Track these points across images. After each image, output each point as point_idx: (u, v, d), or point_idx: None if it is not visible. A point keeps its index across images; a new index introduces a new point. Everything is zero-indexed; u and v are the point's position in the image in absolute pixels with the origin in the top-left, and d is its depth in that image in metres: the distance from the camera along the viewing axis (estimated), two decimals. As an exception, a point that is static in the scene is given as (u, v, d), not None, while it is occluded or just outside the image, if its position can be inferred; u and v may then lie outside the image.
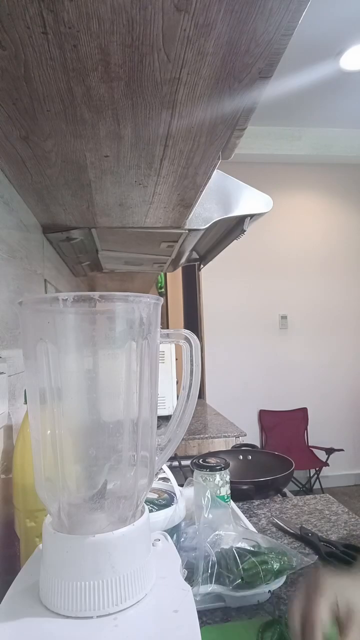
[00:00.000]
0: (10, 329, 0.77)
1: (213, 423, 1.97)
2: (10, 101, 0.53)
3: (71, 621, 0.40)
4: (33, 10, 0.38)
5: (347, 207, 3.86)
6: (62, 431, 0.45)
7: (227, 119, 0.57)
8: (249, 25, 0.40)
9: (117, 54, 0.44)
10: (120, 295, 0.44)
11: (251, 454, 1.29)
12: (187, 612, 0.42)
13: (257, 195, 1.12)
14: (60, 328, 0.44)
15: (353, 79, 2.91)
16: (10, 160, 0.71)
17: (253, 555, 0.66)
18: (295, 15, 0.39)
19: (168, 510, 0.69)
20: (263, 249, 3.70)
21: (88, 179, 0.79)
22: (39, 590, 0.43)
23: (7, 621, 0.40)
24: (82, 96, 0.51)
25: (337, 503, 1.01)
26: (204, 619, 0.61)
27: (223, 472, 0.88)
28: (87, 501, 0.45)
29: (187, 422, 0.54)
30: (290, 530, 0.87)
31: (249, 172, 2.80)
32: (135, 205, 0.96)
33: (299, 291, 3.77)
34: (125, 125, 0.59)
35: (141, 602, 0.42)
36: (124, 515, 0.45)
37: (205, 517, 0.73)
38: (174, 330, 0.55)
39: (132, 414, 0.46)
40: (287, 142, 3.61)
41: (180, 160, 0.71)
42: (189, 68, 0.46)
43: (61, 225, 1.11)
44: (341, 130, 3.63)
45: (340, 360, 3.81)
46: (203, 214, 1.09)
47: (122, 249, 1.41)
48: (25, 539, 0.63)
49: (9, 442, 0.72)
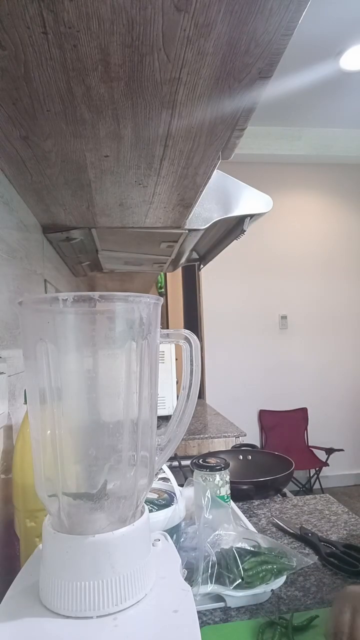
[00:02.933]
0: (10, 329, 0.77)
1: (213, 423, 1.97)
2: (10, 101, 0.53)
3: (71, 621, 0.40)
4: (33, 10, 0.38)
5: (347, 207, 3.86)
6: (62, 431, 0.45)
7: (227, 119, 0.57)
8: (249, 25, 0.40)
9: (117, 54, 0.44)
10: (120, 295, 0.44)
11: (251, 454, 1.29)
12: (187, 612, 0.42)
13: (257, 195, 1.12)
14: (60, 328, 0.44)
15: (353, 79, 2.91)
16: (10, 160, 0.71)
17: (253, 556, 0.66)
18: (295, 15, 0.39)
19: (168, 510, 0.69)
20: (263, 249, 3.70)
21: (88, 179, 0.79)
22: (39, 590, 0.43)
23: (7, 621, 0.40)
24: (82, 96, 0.51)
25: (337, 503, 1.01)
26: (204, 619, 0.61)
27: (223, 472, 0.88)
28: (87, 501, 0.45)
29: (187, 422, 0.54)
30: (290, 530, 0.87)
31: (249, 172, 2.81)
32: (135, 205, 0.96)
33: (299, 291, 3.77)
34: (125, 125, 0.59)
35: (141, 602, 0.42)
36: (124, 515, 0.45)
37: (205, 517, 0.73)
38: (174, 330, 0.55)
39: (132, 414, 0.46)
40: (287, 142, 3.61)
41: (180, 160, 0.71)
42: (189, 68, 0.46)
43: (61, 225, 1.11)
44: (341, 130, 3.63)
45: (340, 360, 3.81)
46: (203, 214, 1.09)
47: (122, 249, 1.41)
48: (25, 539, 0.63)
49: (9, 442, 0.72)
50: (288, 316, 3.76)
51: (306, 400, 3.74)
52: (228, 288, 3.69)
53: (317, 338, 3.79)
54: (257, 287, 3.72)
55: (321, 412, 3.74)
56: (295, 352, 3.76)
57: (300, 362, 3.76)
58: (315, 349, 3.79)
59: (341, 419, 3.78)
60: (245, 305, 3.71)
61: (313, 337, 3.79)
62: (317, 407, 3.74)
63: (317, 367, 3.78)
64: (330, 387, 3.79)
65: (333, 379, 3.80)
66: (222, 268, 3.48)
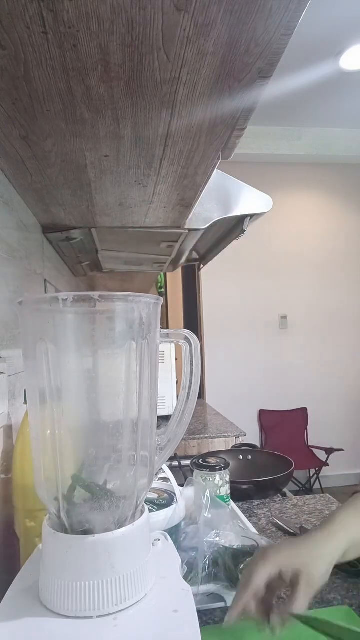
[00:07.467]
0: (10, 329, 0.77)
1: (213, 423, 1.97)
2: (10, 101, 0.53)
3: (71, 621, 0.40)
4: (33, 10, 0.38)
5: (347, 207, 3.86)
6: (62, 431, 0.45)
7: (226, 118, 0.57)
8: (248, 25, 0.40)
9: (117, 54, 0.44)
10: (120, 295, 0.44)
11: (251, 454, 1.29)
12: (187, 612, 0.42)
13: (257, 195, 1.12)
14: (60, 328, 0.44)
15: (353, 79, 2.91)
16: (10, 160, 0.71)
17: (250, 556, 0.66)
18: (295, 15, 0.39)
19: (168, 510, 0.69)
20: (263, 249, 3.70)
21: (88, 179, 0.79)
22: (39, 590, 0.43)
23: (7, 621, 0.40)
24: (82, 96, 0.51)
25: (337, 503, 1.01)
26: (204, 619, 0.61)
27: (223, 472, 0.88)
28: (87, 501, 0.45)
29: (187, 422, 0.54)
30: (290, 530, 0.87)
31: (249, 172, 2.80)
32: (135, 205, 0.96)
33: (299, 291, 3.77)
34: (125, 125, 0.59)
35: (141, 602, 0.42)
36: (124, 515, 0.45)
37: (204, 517, 0.73)
38: (174, 330, 0.55)
39: (132, 414, 0.46)
40: (287, 142, 3.61)
41: (180, 160, 0.71)
42: (189, 68, 0.46)
43: (61, 225, 1.11)
44: (341, 130, 3.63)
45: (340, 360, 3.81)
46: (203, 214, 1.09)
47: (122, 248, 1.41)
48: (25, 539, 0.63)
49: (9, 442, 0.72)
50: (288, 316, 3.76)
51: (306, 400, 3.74)
52: (228, 288, 3.68)
53: (317, 338, 3.79)
54: (257, 287, 3.72)
55: (321, 412, 3.74)
56: (295, 352, 3.76)
57: (300, 362, 3.76)
58: (315, 348, 3.79)
59: (341, 419, 3.78)
60: (245, 305, 3.71)
61: (313, 337, 3.79)
62: (317, 407, 3.74)
63: (317, 367, 3.78)
64: (330, 387, 3.79)
65: (333, 379, 3.80)
66: (222, 268, 3.47)
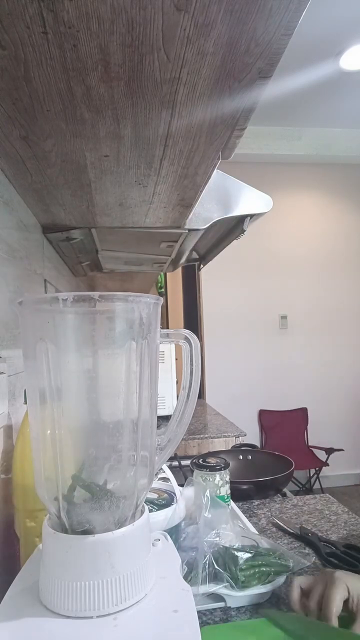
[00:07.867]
0: (10, 329, 0.77)
1: (213, 423, 1.97)
2: (10, 101, 0.53)
3: (71, 621, 0.40)
4: (33, 10, 0.38)
5: (347, 207, 3.86)
6: (62, 431, 0.45)
7: (226, 118, 0.57)
8: (248, 25, 0.40)
9: (117, 54, 0.44)
10: (120, 295, 0.44)
11: (251, 454, 1.29)
12: (187, 612, 0.42)
13: (257, 195, 1.12)
14: (60, 328, 0.44)
15: (353, 79, 2.91)
16: (10, 160, 0.71)
17: (251, 556, 0.66)
18: (295, 15, 0.39)
19: (168, 510, 0.69)
20: (263, 249, 3.70)
21: (88, 179, 0.79)
22: (39, 590, 0.43)
23: (7, 621, 0.40)
24: (82, 96, 0.51)
25: (337, 503, 1.01)
26: (204, 619, 0.61)
27: (223, 472, 0.88)
28: (87, 501, 0.45)
29: (187, 422, 0.54)
30: (290, 530, 0.87)
31: (249, 172, 2.80)
32: (135, 205, 0.96)
33: (298, 291, 3.77)
34: (125, 125, 0.59)
35: (141, 602, 0.42)
36: (124, 515, 0.45)
37: (204, 517, 0.73)
38: (174, 330, 0.55)
39: (132, 414, 0.46)
40: (287, 142, 3.61)
41: (180, 160, 0.71)
42: (189, 68, 0.46)
43: (61, 225, 1.11)
44: (341, 130, 3.63)
45: (340, 360, 3.81)
46: (203, 214, 1.09)
47: (122, 249, 1.41)
48: (25, 539, 0.63)
49: (9, 442, 0.72)
50: (288, 316, 3.76)
51: (306, 400, 3.74)
52: (228, 288, 3.68)
53: (317, 338, 3.79)
54: (257, 286, 3.72)
55: (321, 412, 3.74)
56: (295, 351, 3.76)
57: (300, 362, 3.76)
58: (315, 348, 3.79)
59: (341, 419, 3.78)
60: (245, 305, 3.71)
61: (313, 337, 3.79)
62: (317, 407, 3.74)
63: (317, 367, 3.78)
64: (330, 387, 3.79)
65: (333, 379, 3.80)
66: (222, 268, 3.47)
